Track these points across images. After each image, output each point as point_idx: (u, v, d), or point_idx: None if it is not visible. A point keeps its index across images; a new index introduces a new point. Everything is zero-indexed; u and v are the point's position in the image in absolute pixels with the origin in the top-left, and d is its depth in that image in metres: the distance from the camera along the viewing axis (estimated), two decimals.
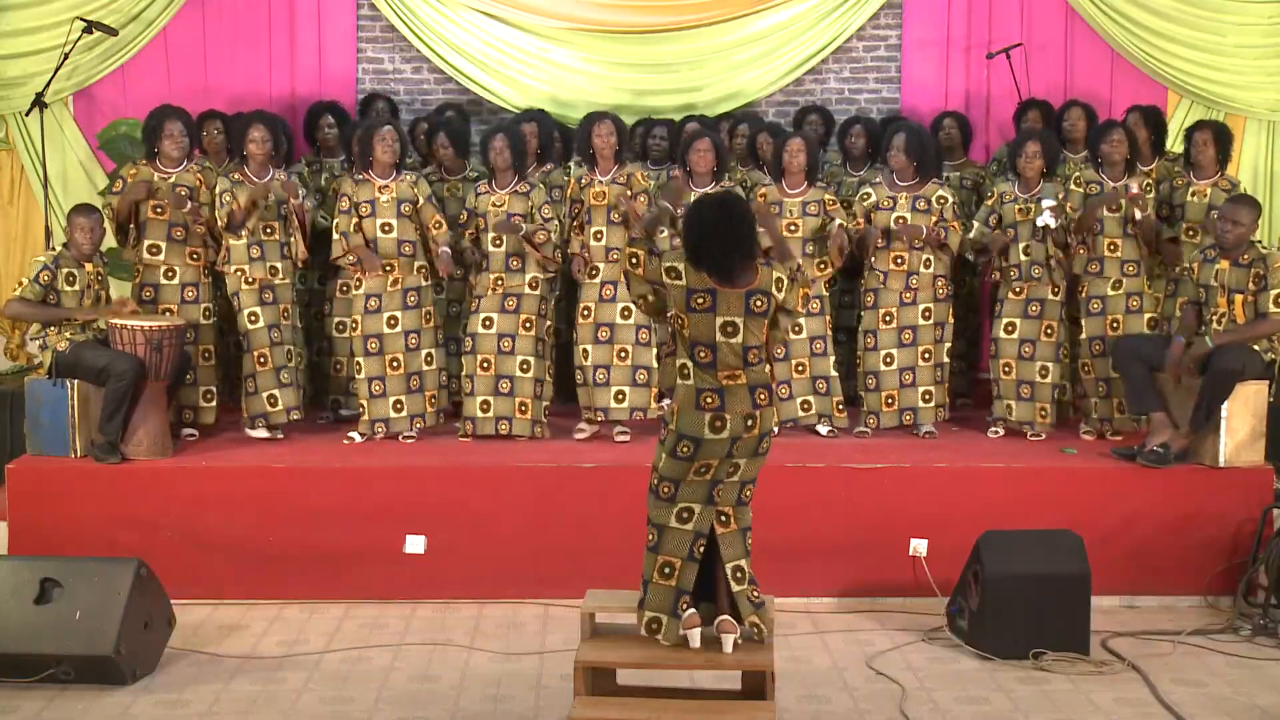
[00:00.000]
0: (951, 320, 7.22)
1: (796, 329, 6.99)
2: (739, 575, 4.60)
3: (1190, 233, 7.10)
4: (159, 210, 6.93)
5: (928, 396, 7.13)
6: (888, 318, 7.08)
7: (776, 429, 7.08)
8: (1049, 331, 7.07)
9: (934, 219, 7.01)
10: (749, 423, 4.48)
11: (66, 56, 7.93)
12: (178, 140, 6.94)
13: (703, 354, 4.48)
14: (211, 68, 8.55)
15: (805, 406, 7.14)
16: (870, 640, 5.85)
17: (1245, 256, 6.46)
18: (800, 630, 5.95)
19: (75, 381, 6.49)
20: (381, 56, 8.81)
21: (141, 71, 8.47)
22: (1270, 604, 6.03)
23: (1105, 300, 7.05)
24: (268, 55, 8.60)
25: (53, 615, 5.19)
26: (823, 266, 7.05)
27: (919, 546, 6.31)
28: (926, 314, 7.08)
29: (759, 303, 4.47)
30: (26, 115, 8.01)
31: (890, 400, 7.12)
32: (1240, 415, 6.38)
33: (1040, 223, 6.91)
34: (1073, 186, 7.10)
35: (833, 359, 7.14)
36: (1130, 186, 6.90)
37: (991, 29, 8.68)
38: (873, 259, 7.09)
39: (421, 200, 7.01)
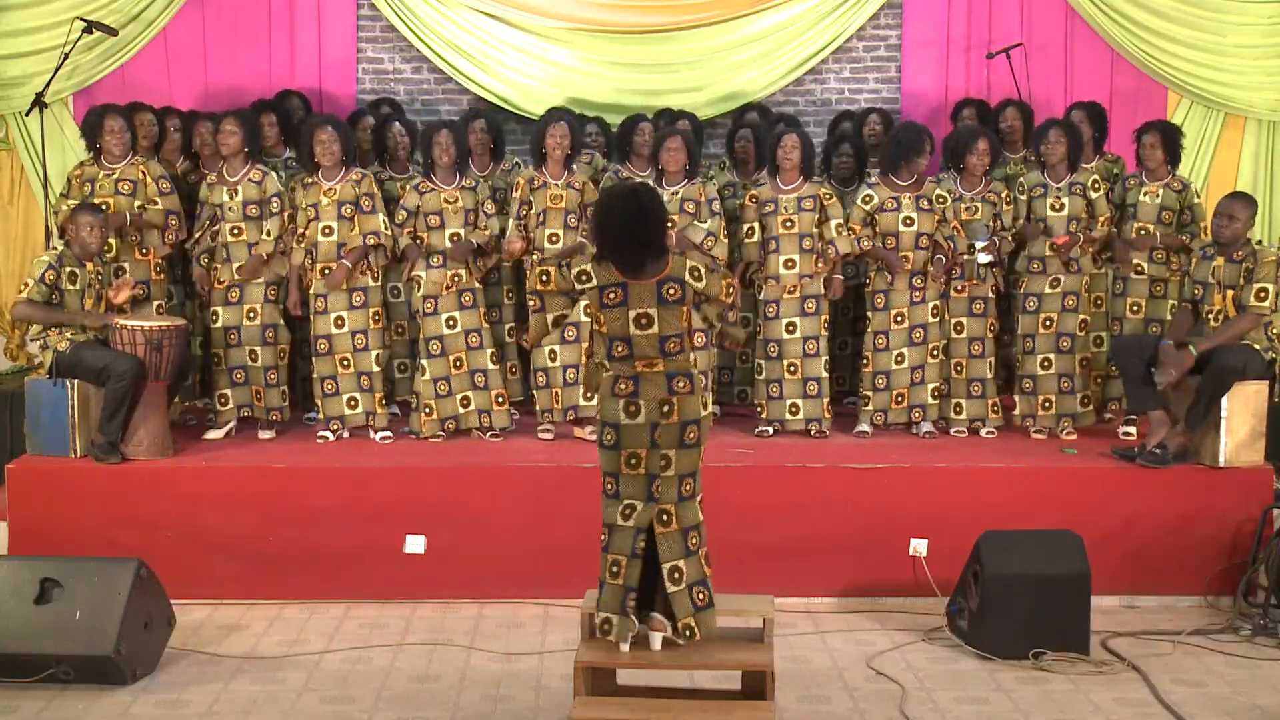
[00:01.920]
0: (949, 318, 7.23)
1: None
2: (676, 576, 4.56)
3: (1141, 232, 7.15)
4: (104, 207, 6.92)
5: (936, 393, 7.14)
6: (899, 318, 7.07)
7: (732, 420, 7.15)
8: (992, 328, 7.20)
9: (936, 218, 7.04)
10: (665, 409, 4.49)
11: (66, 56, 7.93)
12: (119, 135, 7.00)
13: (619, 349, 4.53)
14: (211, 68, 8.54)
15: (794, 410, 7.10)
16: (870, 640, 5.85)
17: (1240, 253, 6.47)
18: (800, 630, 5.95)
19: (75, 381, 6.49)
20: (381, 56, 8.81)
21: (141, 71, 8.47)
22: (1270, 604, 6.03)
23: (1041, 298, 7.11)
24: (268, 55, 8.59)
25: (53, 615, 5.19)
26: (820, 264, 7.05)
27: (919, 546, 6.31)
28: (935, 311, 7.09)
29: (672, 290, 4.50)
30: (26, 115, 8.00)
31: (900, 398, 7.11)
32: (1240, 415, 6.38)
33: (980, 262, 7.02)
34: (1019, 195, 7.17)
35: (824, 359, 7.11)
36: (1055, 233, 7.03)
37: (991, 29, 8.68)
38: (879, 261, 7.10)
39: (360, 197, 6.89)
